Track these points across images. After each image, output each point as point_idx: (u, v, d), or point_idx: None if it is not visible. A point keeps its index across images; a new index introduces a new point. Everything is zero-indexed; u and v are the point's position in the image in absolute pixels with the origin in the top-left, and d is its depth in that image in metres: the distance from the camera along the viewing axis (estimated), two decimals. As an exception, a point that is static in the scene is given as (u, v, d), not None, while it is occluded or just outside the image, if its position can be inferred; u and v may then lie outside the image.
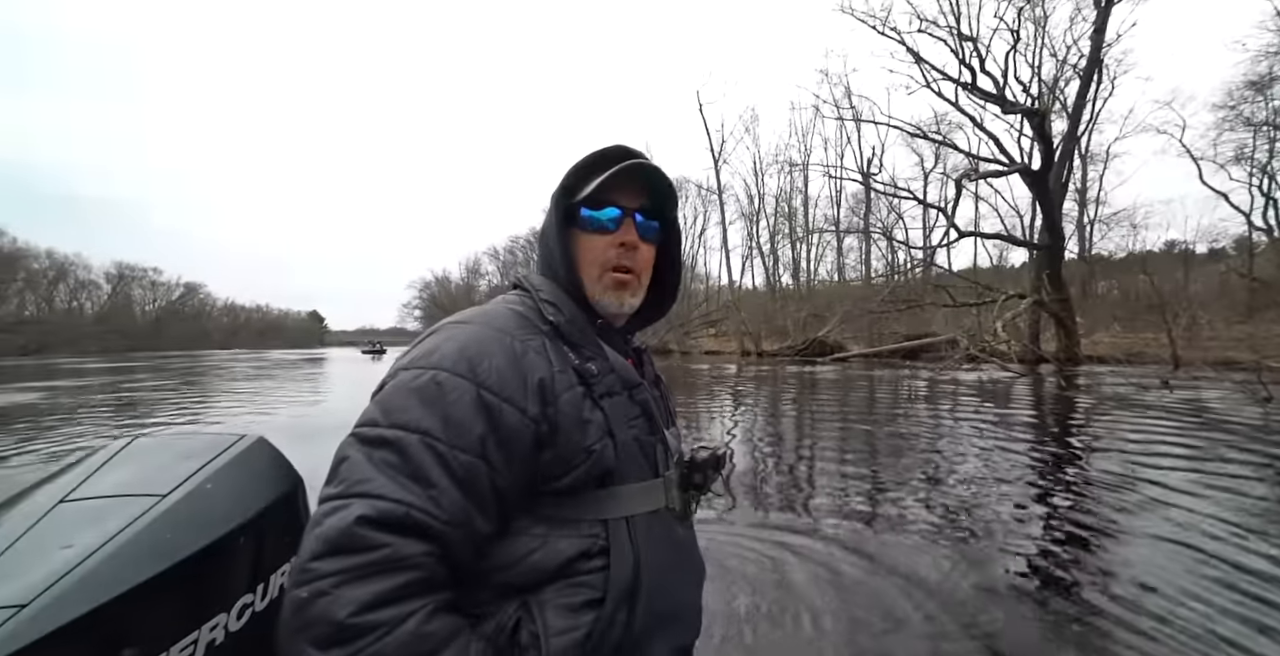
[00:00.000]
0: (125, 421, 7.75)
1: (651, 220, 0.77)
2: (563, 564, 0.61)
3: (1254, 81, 23.03)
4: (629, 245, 0.74)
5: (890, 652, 1.94)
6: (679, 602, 0.70)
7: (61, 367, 25.60)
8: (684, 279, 0.91)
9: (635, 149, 0.76)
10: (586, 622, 0.59)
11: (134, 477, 0.78)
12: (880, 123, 24.71)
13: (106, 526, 0.67)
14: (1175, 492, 3.71)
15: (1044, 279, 16.81)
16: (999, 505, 3.54)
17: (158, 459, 0.83)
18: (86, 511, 0.70)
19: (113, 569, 0.63)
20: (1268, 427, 6.01)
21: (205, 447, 0.89)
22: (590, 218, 0.74)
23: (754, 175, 42.29)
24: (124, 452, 0.84)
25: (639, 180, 0.74)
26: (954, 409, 8.14)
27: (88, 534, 0.65)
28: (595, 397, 0.66)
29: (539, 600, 0.59)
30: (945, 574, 2.54)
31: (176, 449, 0.87)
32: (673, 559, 0.70)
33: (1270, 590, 2.32)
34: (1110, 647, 1.96)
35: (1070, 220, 28.00)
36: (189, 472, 0.81)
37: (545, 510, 0.63)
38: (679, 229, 0.84)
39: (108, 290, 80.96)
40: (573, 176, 0.75)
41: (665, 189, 0.76)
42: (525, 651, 0.57)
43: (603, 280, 0.74)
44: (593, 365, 0.68)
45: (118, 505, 0.71)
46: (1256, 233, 25.98)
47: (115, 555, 0.64)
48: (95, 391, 12.74)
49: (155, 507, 0.73)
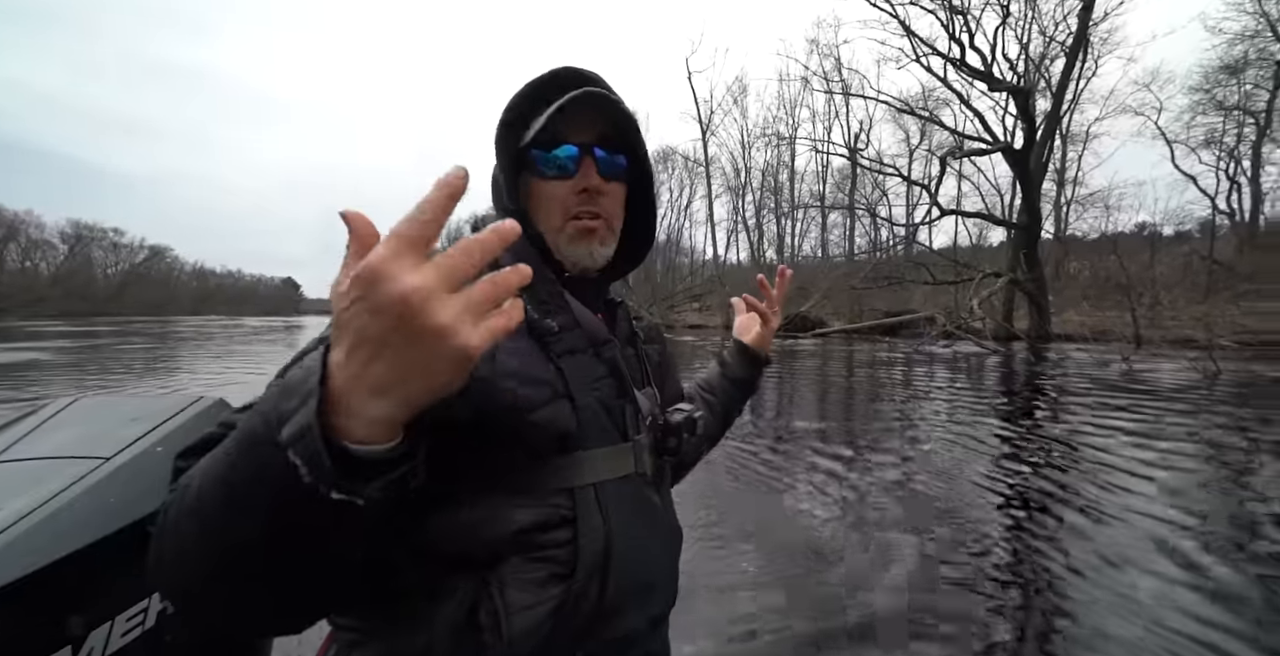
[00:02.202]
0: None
1: (615, 154, 0.67)
2: (516, 534, 0.55)
3: (1229, 65, 23.30)
4: (592, 190, 0.65)
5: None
6: (654, 571, 0.66)
7: (43, 330, 24.52)
8: (669, 251, 0.79)
9: (585, 70, 0.67)
10: (554, 596, 0.55)
11: (75, 439, 0.73)
12: (869, 97, 24.51)
13: (41, 489, 0.62)
14: (1114, 456, 3.90)
15: (1020, 258, 17.15)
16: (958, 464, 3.69)
17: (102, 420, 0.78)
18: (19, 473, 0.65)
19: (48, 533, 0.59)
20: (1210, 400, 6.33)
21: (157, 410, 0.84)
22: (543, 158, 0.64)
23: (741, 148, 41.62)
24: (64, 413, 0.79)
25: (595, 108, 0.64)
26: (928, 381, 8.38)
27: (20, 497, 0.61)
28: (552, 355, 0.61)
29: (498, 576, 0.54)
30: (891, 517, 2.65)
31: (124, 410, 0.82)
32: (646, 526, 0.66)
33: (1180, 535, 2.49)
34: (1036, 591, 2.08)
35: (1048, 200, 28.42)
36: (136, 435, 0.76)
37: (496, 477, 0.57)
38: (649, 163, 0.74)
39: (64, 250, 77.25)
40: (514, 110, 0.65)
41: (626, 119, 0.66)
42: (483, 632, 0.52)
43: (565, 230, 0.66)
44: (552, 321, 0.62)
45: (55, 467, 0.67)
46: (1220, 216, 26.85)
47: (51, 519, 0.60)
48: (108, 356, 12.28)
49: (97, 470, 0.68)
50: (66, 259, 77.13)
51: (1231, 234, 26.15)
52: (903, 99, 23.26)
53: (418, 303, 0.30)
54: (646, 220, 0.77)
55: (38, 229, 74.68)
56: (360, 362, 0.33)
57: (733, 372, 1.00)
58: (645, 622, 0.64)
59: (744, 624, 1.99)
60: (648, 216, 0.77)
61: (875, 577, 2.32)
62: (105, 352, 13.34)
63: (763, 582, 2.28)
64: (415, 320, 0.31)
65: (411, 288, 0.30)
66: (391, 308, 0.30)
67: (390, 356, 0.32)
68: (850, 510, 3.10)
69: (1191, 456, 4.12)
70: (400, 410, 0.34)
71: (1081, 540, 2.68)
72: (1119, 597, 2.15)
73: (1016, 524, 2.90)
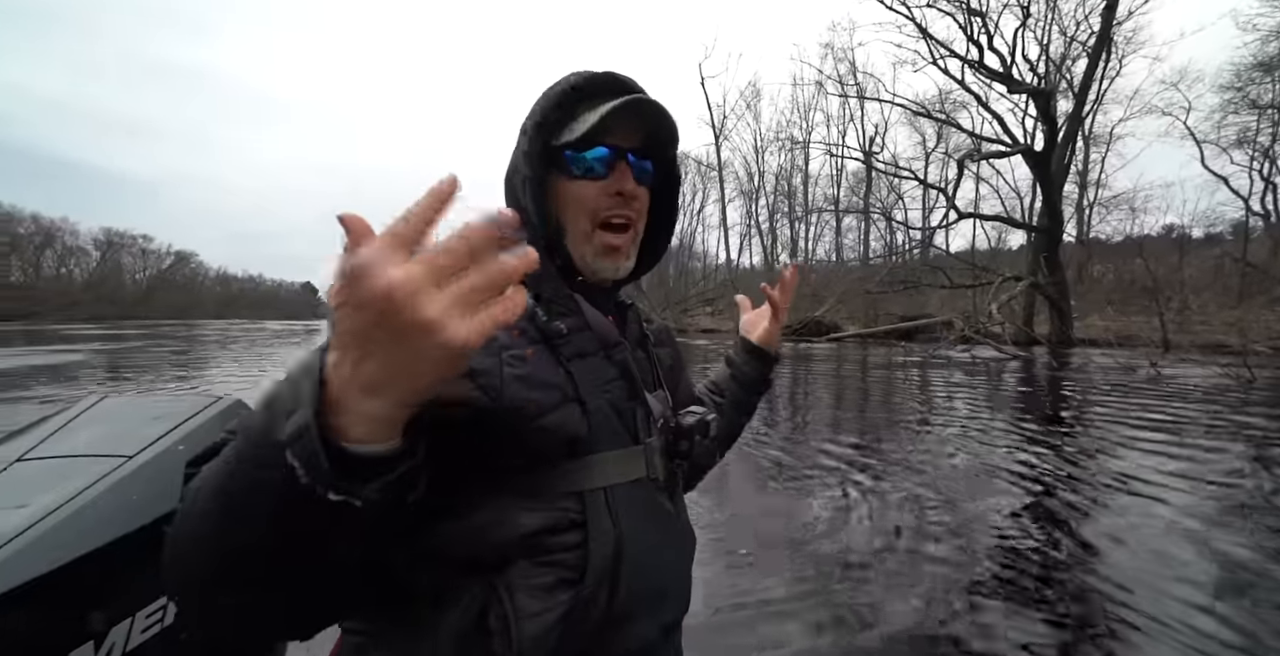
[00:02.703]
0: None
1: (644, 160, 0.66)
2: (524, 537, 0.54)
3: (1263, 63, 22.63)
4: (627, 194, 0.64)
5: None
6: (666, 577, 0.65)
7: (79, 333, 25.34)
8: (682, 256, 0.79)
9: (627, 77, 0.66)
10: (563, 602, 0.54)
11: (99, 438, 0.75)
12: (884, 100, 24.27)
13: (66, 486, 0.64)
14: (1142, 465, 3.78)
15: (1041, 261, 16.79)
16: (979, 463, 3.61)
17: (125, 420, 0.80)
18: (45, 470, 0.67)
19: (72, 530, 0.60)
20: (1243, 406, 6.11)
21: (177, 409, 0.85)
22: (577, 159, 0.63)
23: (754, 152, 41.45)
24: (89, 413, 0.81)
25: (636, 116, 0.63)
26: (946, 385, 8.23)
27: (46, 494, 0.62)
28: (562, 359, 0.60)
29: (506, 581, 0.53)
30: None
31: (146, 410, 0.83)
32: (658, 531, 0.65)
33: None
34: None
35: (1070, 203, 27.88)
36: (158, 433, 0.78)
37: (505, 480, 0.56)
38: (678, 170, 0.74)
39: (96, 257, 79.78)
40: (550, 109, 0.64)
41: (669, 130, 0.66)
42: (493, 637, 0.51)
43: (593, 241, 0.65)
44: (562, 323, 0.61)
45: (80, 465, 0.68)
46: (1254, 218, 26.03)
47: (76, 516, 0.61)
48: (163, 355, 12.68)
49: (121, 468, 0.70)
50: (99, 265, 79.63)
51: (1266, 236, 25.31)
52: (919, 101, 23.01)
53: (401, 298, 0.30)
54: (665, 225, 0.76)
55: (72, 236, 77.43)
56: (352, 362, 0.33)
57: (741, 372, 0.99)
58: (657, 630, 0.63)
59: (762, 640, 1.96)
60: (667, 221, 0.76)
61: (896, 590, 2.27)
62: (149, 354, 13.87)
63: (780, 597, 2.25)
64: (399, 316, 0.30)
65: (393, 283, 0.29)
66: (374, 303, 0.30)
67: (380, 354, 0.32)
68: (868, 516, 3.05)
69: (1227, 465, 3.99)
70: (396, 409, 0.34)
71: (1111, 554, 2.60)
72: (1151, 620, 2.08)
73: (1043, 537, 2.83)
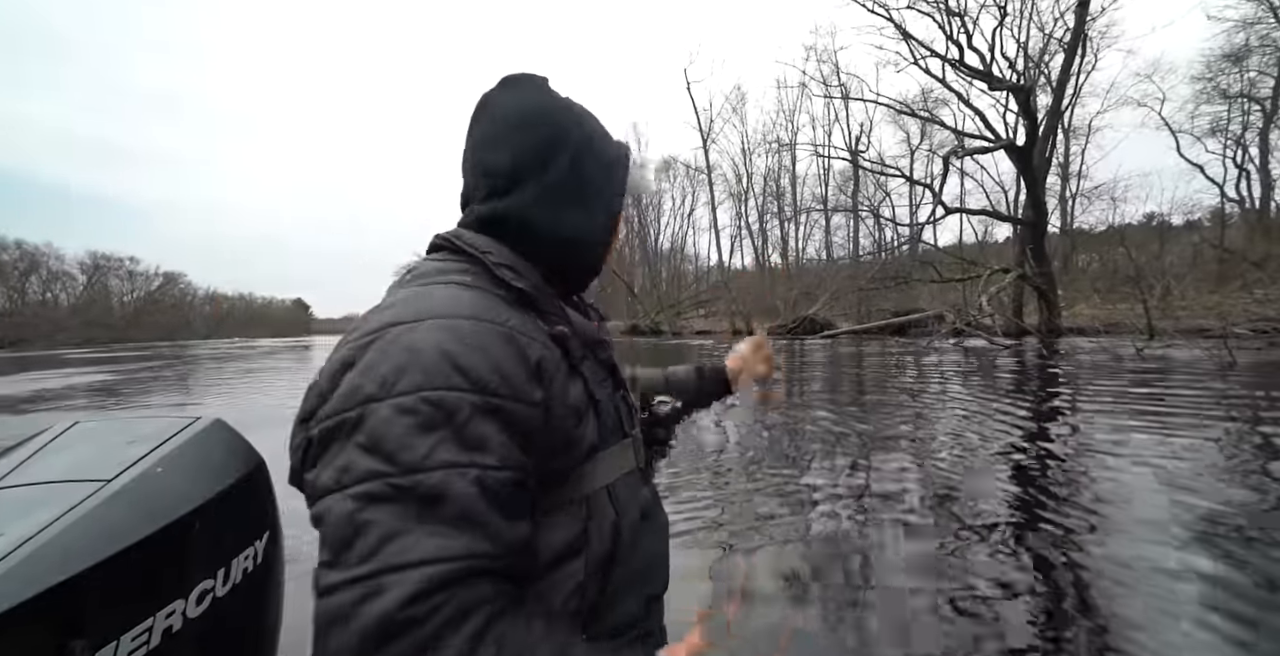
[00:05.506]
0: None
1: None
2: (554, 558, 0.56)
3: (1230, 53, 23.15)
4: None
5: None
6: (650, 559, 0.69)
7: (79, 357, 24.93)
8: (674, 258, 0.92)
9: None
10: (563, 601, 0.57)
11: (75, 463, 0.74)
12: (868, 100, 24.57)
13: (42, 514, 0.63)
14: (1130, 446, 3.83)
15: (1027, 253, 16.99)
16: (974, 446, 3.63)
17: (101, 443, 0.80)
18: (19, 498, 0.66)
19: (51, 556, 0.60)
20: (1226, 392, 6.21)
21: (155, 431, 0.85)
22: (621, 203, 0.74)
23: (742, 154, 41.82)
24: (63, 437, 0.80)
25: None
26: (940, 375, 8.29)
27: (21, 522, 0.62)
28: (574, 365, 0.62)
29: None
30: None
31: (122, 433, 0.83)
32: (646, 518, 0.69)
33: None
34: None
35: (1053, 194, 28.22)
36: (136, 456, 0.77)
37: (539, 498, 0.56)
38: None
39: (83, 281, 78.82)
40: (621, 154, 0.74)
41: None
42: None
43: (603, 273, 0.76)
44: (563, 330, 0.63)
45: (56, 491, 0.68)
46: (1229, 204, 26.54)
47: (54, 542, 0.61)
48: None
49: (99, 492, 0.69)
50: (85, 289, 78.66)
51: (1242, 221, 25.79)
52: (902, 100, 23.30)
53: None
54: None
55: (58, 260, 76.32)
56: None
57: (707, 387, 1.07)
58: (641, 605, 0.66)
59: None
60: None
61: (886, 575, 2.28)
62: (155, 375, 13.61)
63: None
64: None
65: None
66: None
67: None
68: (860, 507, 3.06)
69: (1212, 445, 4.04)
70: None
71: (1104, 540, 2.62)
72: (1152, 597, 2.10)
73: (1039, 520, 2.85)
